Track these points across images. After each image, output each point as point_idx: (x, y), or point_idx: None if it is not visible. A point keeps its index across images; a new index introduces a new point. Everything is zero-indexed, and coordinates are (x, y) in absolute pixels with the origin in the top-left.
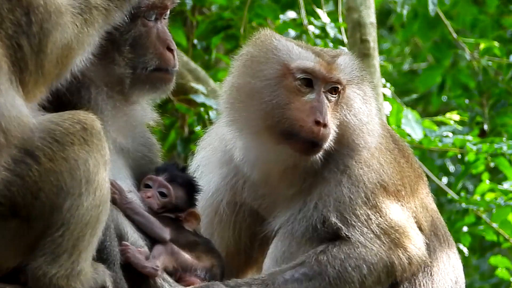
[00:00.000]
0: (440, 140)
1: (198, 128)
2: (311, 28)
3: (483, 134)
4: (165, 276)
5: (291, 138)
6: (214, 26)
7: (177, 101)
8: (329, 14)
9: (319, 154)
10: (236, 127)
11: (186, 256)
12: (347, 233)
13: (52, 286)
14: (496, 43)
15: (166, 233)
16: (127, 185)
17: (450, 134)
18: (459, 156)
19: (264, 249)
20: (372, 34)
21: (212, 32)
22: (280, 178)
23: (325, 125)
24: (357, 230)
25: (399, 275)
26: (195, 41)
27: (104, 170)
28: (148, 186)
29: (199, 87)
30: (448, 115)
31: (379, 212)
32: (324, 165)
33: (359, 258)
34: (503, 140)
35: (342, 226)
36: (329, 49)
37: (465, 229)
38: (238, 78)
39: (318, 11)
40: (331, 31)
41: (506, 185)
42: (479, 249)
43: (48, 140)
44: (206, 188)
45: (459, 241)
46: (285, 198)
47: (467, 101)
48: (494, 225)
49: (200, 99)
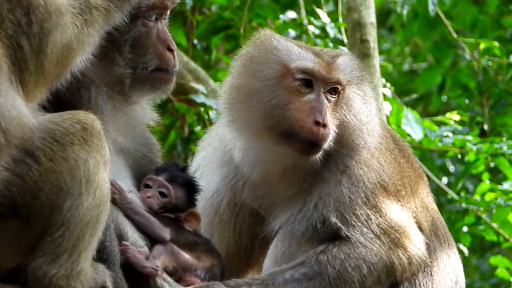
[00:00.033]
0: (440, 140)
1: (198, 128)
2: (311, 28)
3: (483, 134)
4: (165, 276)
5: (291, 139)
6: (214, 26)
7: (177, 101)
8: (329, 14)
9: (319, 154)
10: (236, 127)
11: (186, 256)
12: (347, 233)
13: (52, 286)
14: (496, 43)
15: (166, 233)
16: (127, 185)
17: (450, 134)
18: (459, 156)
19: (264, 249)
20: (372, 34)
21: (212, 32)
22: (280, 178)
23: (325, 125)
24: (357, 230)
25: (399, 275)
26: (195, 41)
27: (104, 170)
28: (148, 186)
29: (199, 87)
30: (448, 115)
31: (379, 212)
32: (324, 165)
33: (359, 258)
34: (503, 140)
35: (342, 226)
36: (329, 49)
37: (465, 229)
38: (238, 78)
39: (318, 11)
40: (331, 31)
41: (506, 185)
42: (479, 249)
43: (48, 140)
44: (207, 189)
45: (459, 241)
46: (285, 198)
47: (467, 101)
48: (494, 225)
49: (200, 99)
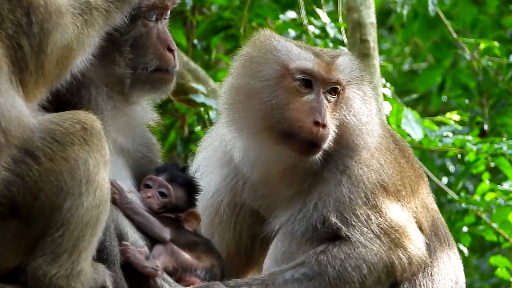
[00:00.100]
0: (440, 140)
1: (198, 128)
2: (311, 28)
3: (483, 134)
4: (165, 276)
5: (290, 139)
6: (214, 26)
7: (177, 101)
8: (329, 14)
9: (319, 155)
10: (236, 128)
11: (186, 256)
12: (347, 233)
13: (52, 286)
14: (496, 43)
15: (166, 233)
16: (127, 185)
17: (450, 134)
18: (459, 156)
19: (265, 250)
20: (372, 34)
21: (212, 32)
22: (280, 179)
23: (324, 126)
24: (357, 230)
25: (399, 275)
26: (195, 41)
27: (104, 170)
28: (148, 186)
29: (199, 87)
30: (448, 115)
31: (379, 212)
32: (324, 165)
33: (359, 258)
34: (503, 140)
35: (342, 226)
36: (329, 50)
37: (465, 229)
38: (238, 79)
39: (318, 11)
40: (331, 31)
41: (506, 185)
42: (479, 249)
43: (48, 140)
44: (207, 189)
45: (459, 241)
46: (285, 199)
47: (467, 101)
48: (494, 225)
49: (200, 99)
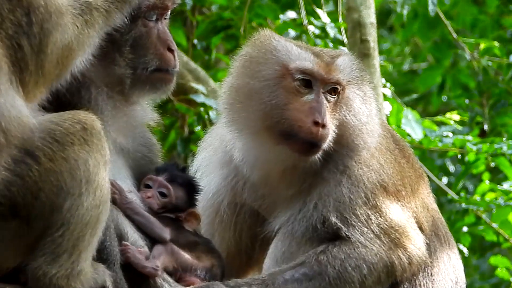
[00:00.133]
0: (440, 140)
1: (198, 128)
2: (311, 28)
3: (483, 134)
4: (165, 276)
5: (290, 139)
6: (214, 26)
7: (177, 101)
8: (329, 14)
9: (318, 155)
10: (236, 128)
11: (186, 256)
12: (347, 233)
13: (52, 286)
14: (496, 43)
15: (166, 233)
16: (127, 185)
17: (450, 134)
18: (459, 156)
19: (265, 250)
20: (372, 34)
21: (212, 32)
22: (280, 179)
23: (324, 126)
24: (357, 230)
25: (399, 275)
26: (195, 41)
27: (104, 170)
28: (148, 186)
29: (199, 87)
30: (448, 115)
31: (379, 212)
32: (324, 166)
33: (359, 258)
34: (503, 140)
35: (342, 226)
36: (329, 50)
37: (465, 229)
38: (237, 79)
39: (318, 11)
40: (331, 31)
41: (506, 185)
42: (479, 249)
43: (48, 140)
44: (207, 189)
45: (459, 241)
46: (285, 199)
47: (467, 101)
48: (494, 225)
49: (200, 99)
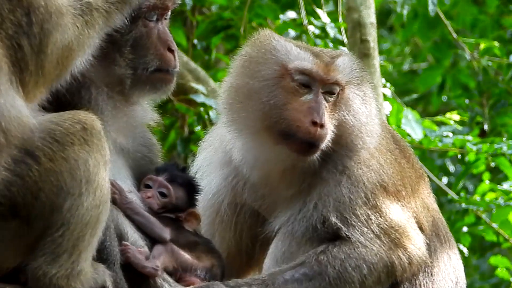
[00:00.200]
0: (440, 140)
1: (198, 128)
2: (311, 28)
3: (483, 134)
4: (165, 276)
5: (289, 139)
6: (214, 26)
7: (177, 101)
8: (329, 14)
9: (316, 155)
10: (235, 128)
11: (186, 256)
12: (347, 233)
13: (52, 286)
14: (496, 43)
15: (166, 233)
16: (127, 185)
17: (450, 134)
18: (459, 156)
19: (265, 250)
20: (372, 34)
21: (212, 32)
22: (280, 179)
23: (322, 126)
24: (357, 230)
25: (399, 275)
26: (195, 41)
27: (104, 170)
28: (148, 186)
29: (199, 87)
30: (448, 115)
31: (379, 212)
32: (323, 166)
33: (359, 258)
34: (503, 140)
35: (342, 226)
36: (330, 50)
37: (465, 229)
38: (237, 79)
39: (318, 11)
40: (331, 31)
41: (506, 185)
42: (479, 249)
43: (48, 140)
44: (208, 189)
45: (459, 241)
46: (285, 199)
47: (467, 101)
48: (494, 225)
49: (200, 99)
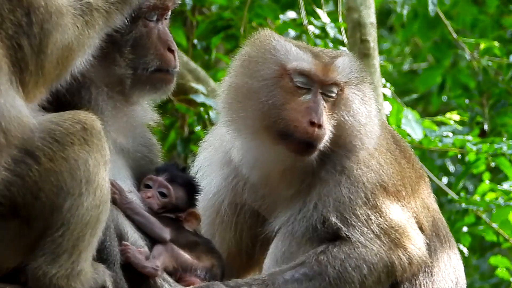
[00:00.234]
0: (440, 140)
1: (198, 128)
2: (311, 28)
3: (483, 134)
4: (165, 276)
5: (287, 139)
6: (214, 26)
7: (177, 101)
8: (329, 14)
9: (315, 155)
10: (234, 128)
11: (186, 256)
12: (347, 233)
13: (52, 286)
14: (496, 43)
15: (166, 233)
16: (127, 185)
17: (450, 134)
18: (459, 156)
19: (265, 250)
20: (372, 34)
21: (212, 32)
22: (280, 179)
23: (320, 126)
24: (357, 230)
25: (400, 275)
26: (195, 41)
27: (104, 170)
28: (148, 186)
29: (199, 87)
30: (448, 115)
31: (379, 212)
32: (322, 166)
33: (359, 258)
34: (503, 140)
35: (342, 226)
36: (330, 50)
37: (465, 229)
38: (236, 78)
39: (318, 11)
40: (331, 31)
41: (506, 185)
42: (479, 249)
43: (48, 140)
44: (208, 189)
45: (459, 241)
46: (285, 199)
47: (467, 101)
48: (494, 225)
49: (200, 99)
